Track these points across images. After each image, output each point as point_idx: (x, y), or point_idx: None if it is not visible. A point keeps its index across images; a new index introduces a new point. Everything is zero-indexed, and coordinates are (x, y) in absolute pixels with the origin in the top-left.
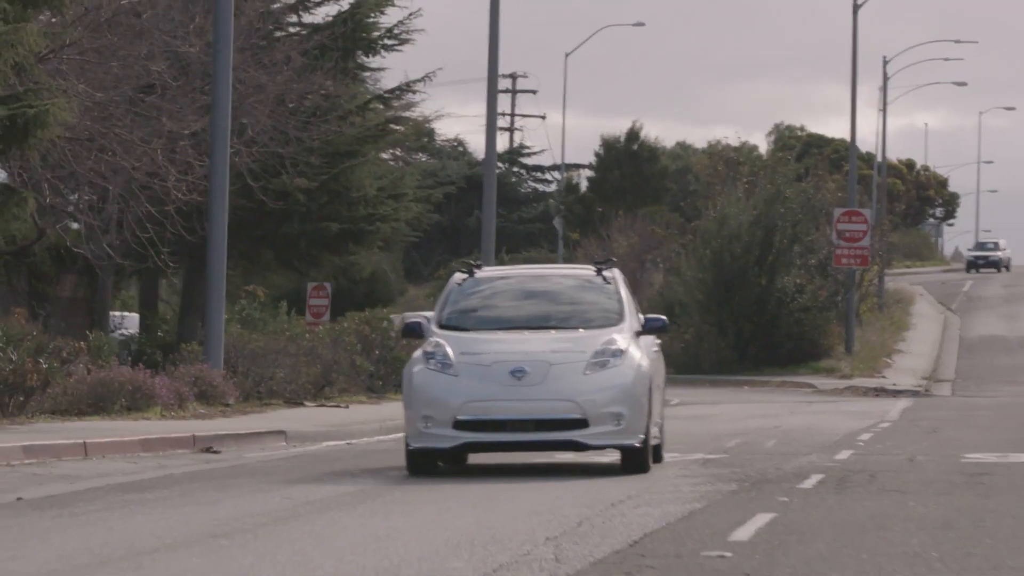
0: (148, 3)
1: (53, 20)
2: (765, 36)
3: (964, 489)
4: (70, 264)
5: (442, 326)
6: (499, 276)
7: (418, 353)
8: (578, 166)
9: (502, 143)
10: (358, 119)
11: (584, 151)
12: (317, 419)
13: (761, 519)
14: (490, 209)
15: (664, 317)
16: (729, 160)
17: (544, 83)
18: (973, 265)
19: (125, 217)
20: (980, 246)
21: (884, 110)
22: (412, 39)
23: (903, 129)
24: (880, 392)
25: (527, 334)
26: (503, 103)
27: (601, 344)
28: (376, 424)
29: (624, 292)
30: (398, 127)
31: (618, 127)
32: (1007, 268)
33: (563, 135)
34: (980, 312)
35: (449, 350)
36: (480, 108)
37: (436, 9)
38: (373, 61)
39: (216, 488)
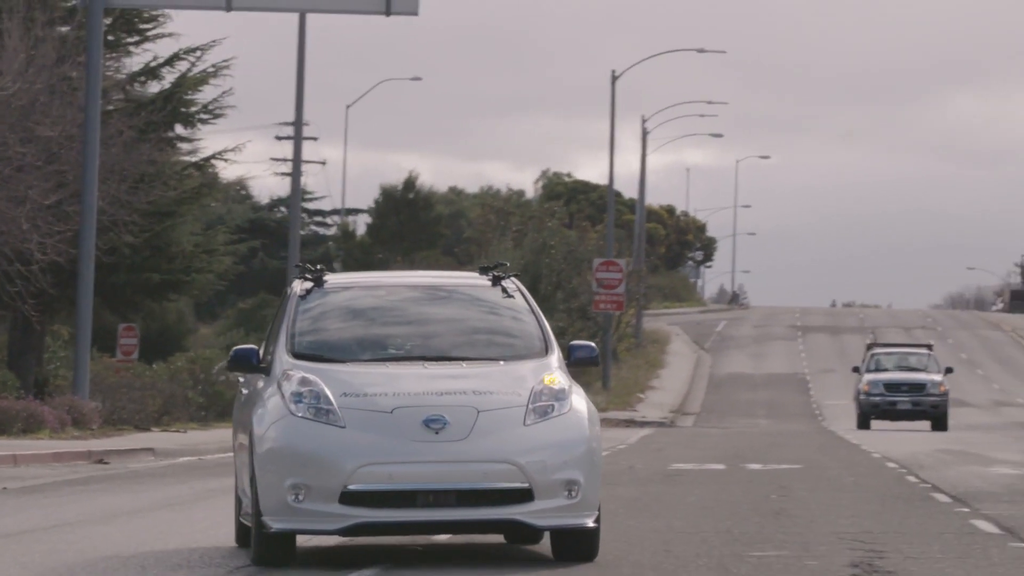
0: (18, 94)
1: None
2: (537, 75)
3: (659, 482)
4: None
5: (298, 355)
6: (357, 285)
7: (272, 394)
8: (357, 211)
9: (283, 187)
10: (177, 183)
11: (362, 196)
12: (167, 441)
13: None
14: (295, 249)
15: (593, 344)
16: (500, 211)
17: (324, 130)
18: None
19: None
20: None
21: (643, 166)
22: (225, 114)
23: (672, 166)
24: (629, 423)
25: (432, 367)
26: (285, 149)
27: (538, 383)
28: (215, 445)
29: (537, 308)
30: (211, 192)
31: (395, 166)
32: None
33: (343, 181)
34: (731, 351)
35: (326, 390)
36: (261, 150)
37: (217, 50)
38: (190, 132)
39: (134, 483)
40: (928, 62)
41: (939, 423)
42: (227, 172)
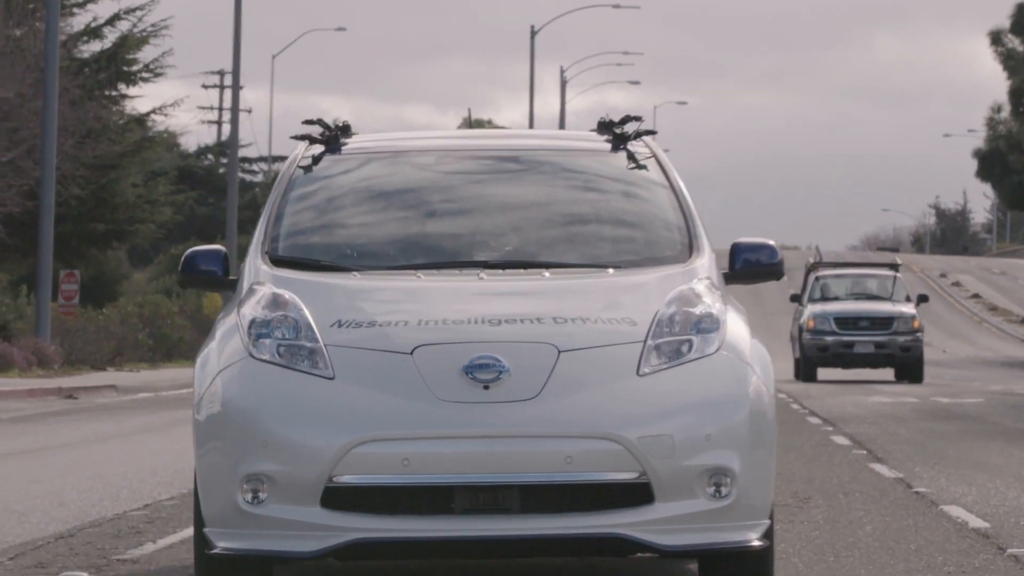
0: None
1: None
2: (459, 20)
3: None
4: None
5: (278, 260)
6: (391, 149)
7: (229, 326)
8: (283, 158)
9: (210, 135)
10: (119, 138)
11: (284, 140)
12: (125, 379)
13: None
14: (233, 196)
15: (772, 244)
16: None
17: (249, 78)
18: None
19: None
20: None
21: (562, 115)
22: (164, 72)
23: (595, 108)
24: None
25: (492, 279)
26: (212, 97)
27: (668, 304)
28: (167, 382)
29: (682, 186)
30: (152, 144)
31: (315, 109)
32: None
33: (270, 128)
34: None
35: (308, 316)
36: (186, 98)
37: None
38: (132, 90)
39: (109, 414)
40: (848, 3)
41: (910, 371)
42: (161, 124)
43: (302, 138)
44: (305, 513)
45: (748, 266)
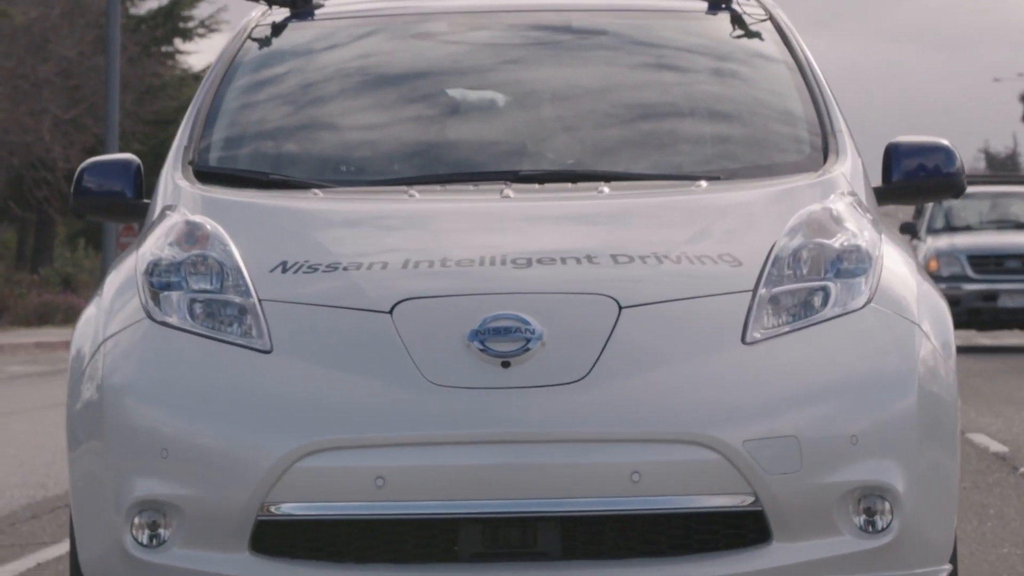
0: (41, 19)
1: None
2: None
3: None
4: None
5: (207, 175)
6: (389, 14)
7: (126, 272)
8: None
9: None
10: (177, 93)
11: None
12: None
13: None
14: None
15: (947, 143)
16: None
17: None
18: None
19: (26, 179)
20: None
21: None
22: (220, 28)
23: None
24: None
25: (523, 198)
26: None
27: (791, 233)
28: None
29: (812, 61)
30: None
31: None
32: None
33: None
34: None
35: (238, 256)
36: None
37: None
38: (187, 46)
39: None
40: None
41: None
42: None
43: None
44: (227, 562)
45: (915, 176)
